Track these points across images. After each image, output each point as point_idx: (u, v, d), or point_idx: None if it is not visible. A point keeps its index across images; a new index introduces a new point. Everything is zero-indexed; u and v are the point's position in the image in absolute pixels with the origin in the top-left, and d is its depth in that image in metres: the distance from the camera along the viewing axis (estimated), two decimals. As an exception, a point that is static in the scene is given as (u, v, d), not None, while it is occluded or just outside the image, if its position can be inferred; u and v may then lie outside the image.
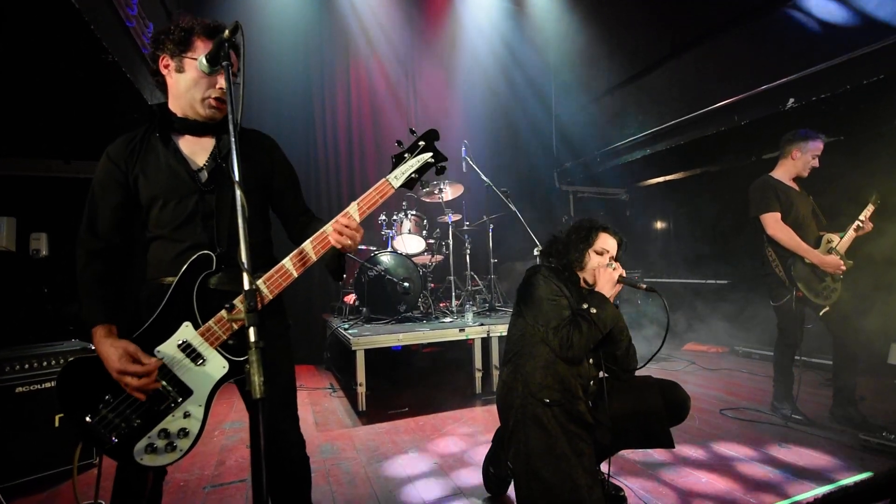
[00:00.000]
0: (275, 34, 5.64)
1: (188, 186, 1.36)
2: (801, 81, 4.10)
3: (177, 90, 1.38)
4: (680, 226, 6.92)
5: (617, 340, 1.95)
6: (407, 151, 1.42)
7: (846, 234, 3.11)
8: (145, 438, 1.21)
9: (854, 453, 2.60)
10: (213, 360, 1.27)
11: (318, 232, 1.32)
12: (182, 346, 1.25)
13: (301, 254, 1.31)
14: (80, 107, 3.27)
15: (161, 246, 1.38)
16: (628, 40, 6.21)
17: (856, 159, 4.33)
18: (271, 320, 1.42)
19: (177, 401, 1.24)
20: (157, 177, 1.36)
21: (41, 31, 2.42)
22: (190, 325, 1.27)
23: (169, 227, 1.36)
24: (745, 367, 4.68)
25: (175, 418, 1.23)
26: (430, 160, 1.42)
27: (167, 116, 1.40)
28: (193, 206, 1.36)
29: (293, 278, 1.30)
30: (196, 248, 1.33)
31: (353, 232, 1.30)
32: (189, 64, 1.34)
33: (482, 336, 4.01)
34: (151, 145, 1.39)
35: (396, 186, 1.38)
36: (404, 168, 1.39)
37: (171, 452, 1.22)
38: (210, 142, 1.43)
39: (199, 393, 1.26)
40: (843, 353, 3.06)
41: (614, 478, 2.04)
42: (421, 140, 1.43)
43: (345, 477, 2.53)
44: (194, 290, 1.28)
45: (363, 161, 6.35)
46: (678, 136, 5.45)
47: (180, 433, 1.23)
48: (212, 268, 1.30)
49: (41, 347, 2.65)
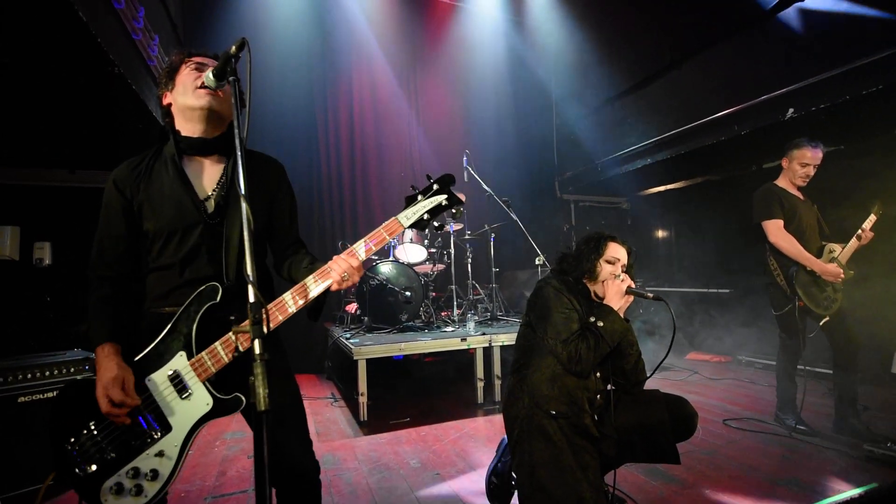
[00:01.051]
0: (277, 45, 5.70)
1: (193, 217, 1.35)
2: (800, 91, 4.12)
3: (176, 105, 1.40)
4: (681, 235, 6.92)
5: (626, 354, 1.94)
6: (420, 193, 1.42)
7: (848, 244, 3.11)
8: (115, 476, 1.19)
9: (859, 464, 2.59)
10: (197, 394, 1.25)
11: (320, 269, 1.31)
12: (171, 377, 1.25)
13: (301, 288, 1.30)
14: (85, 117, 3.30)
15: (162, 277, 1.38)
16: (629, 50, 6.26)
17: (856, 169, 4.34)
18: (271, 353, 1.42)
19: (153, 436, 1.22)
20: (162, 206, 1.35)
21: (48, 42, 2.45)
22: (184, 354, 1.26)
23: (172, 258, 1.35)
24: (748, 377, 4.66)
25: (148, 456, 1.20)
26: (444, 202, 1.42)
27: (175, 136, 1.41)
28: (198, 238, 1.35)
29: (290, 313, 1.29)
30: (199, 281, 1.32)
31: (356, 273, 1.30)
32: (180, 76, 1.39)
33: (484, 345, 4.00)
34: (157, 170, 1.39)
35: (406, 226, 1.38)
36: (416, 209, 1.39)
37: (136, 497, 1.18)
38: (217, 168, 1.43)
39: (177, 430, 1.23)
40: (843, 364, 3.05)
41: (619, 490, 2.02)
42: (435, 183, 1.43)
43: (346, 488, 2.52)
44: (196, 321, 1.27)
45: (365, 172, 6.39)
46: (679, 146, 5.47)
47: (150, 474, 1.19)
48: (216, 300, 1.29)
49: (44, 357, 2.65)
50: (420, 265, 5.09)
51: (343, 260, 1.30)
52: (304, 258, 1.48)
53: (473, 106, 7.12)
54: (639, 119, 6.06)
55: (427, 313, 4.86)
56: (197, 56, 1.42)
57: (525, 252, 6.17)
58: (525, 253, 6.25)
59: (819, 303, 3.05)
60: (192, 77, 1.36)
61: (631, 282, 1.94)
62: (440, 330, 4.41)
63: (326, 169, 6.14)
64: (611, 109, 6.68)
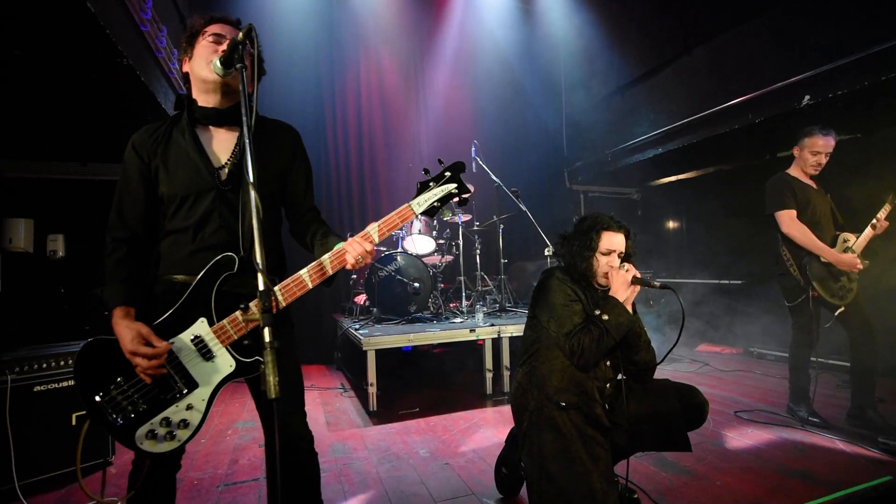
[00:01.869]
0: (285, 36, 5.68)
1: (207, 183, 1.39)
2: (816, 78, 4.02)
3: (193, 76, 1.43)
4: (692, 225, 6.84)
5: (634, 345, 1.91)
6: (432, 180, 1.46)
7: (863, 234, 3.05)
8: (147, 424, 1.25)
9: (872, 457, 2.55)
10: (221, 357, 1.31)
11: (335, 248, 1.36)
12: (195, 340, 1.30)
13: (319, 266, 1.35)
14: (96, 110, 3.32)
15: (175, 242, 1.41)
16: (639, 37, 6.15)
17: (873, 157, 4.25)
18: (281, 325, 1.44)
19: (182, 392, 1.28)
20: (177, 171, 1.39)
21: (57, 34, 2.46)
22: (205, 321, 1.31)
23: (185, 223, 1.39)
24: (760, 369, 4.62)
25: (178, 408, 1.27)
26: (454, 191, 1.46)
27: (191, 105, 1.44)
28: (210, 203, 1.38)
29: (308, 289, 1.34)
30: (212, 247, 1.36)
31: (369, 254, 1.35)
32: (198, 47, 1.41)
33: (493, 336, 4.00)
34: (174, 137, 1.43)
35: (419, 213, 1.43)
36: (428, 196, 1.44)
37: (170, 441, 1.25)
38: (232, 137, 1.46)
39: (204, 386, 1.30)
40: (860, 355, 3.00)
41: (630, 482, 2.02)
42: (447, 171, 1.47)
43: (356, 477, 2.54)
44: (213, 290, 1.32)
45: (373, 161, 6.38)
46: (691, 135, 5.38)
47: (181, 423, 1.27)
48: (233, 269, 1.34)
49: (58, 347, 2.69)
50: (429, 256, 5.09)
51: (358, 243, 1.33)
52: (318, 228, 1.53)
53: (481, 95, 7.07)
54: (649, 108, 5.97)
55: (436, 304, 4.87)
56: (216, 23, 1.43)
57: (534, 243, 6.15)
58: (534, 244, 6.23)
59: (834, 293, 3.00)
60: (208, 50, 1.39)
61: (636, 271, 1.89)
62: (449, 321, 4.41)
63: (335, 159, 6.14)
64: (621, 98, 6.59)
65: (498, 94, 7.15)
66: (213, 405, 1.31)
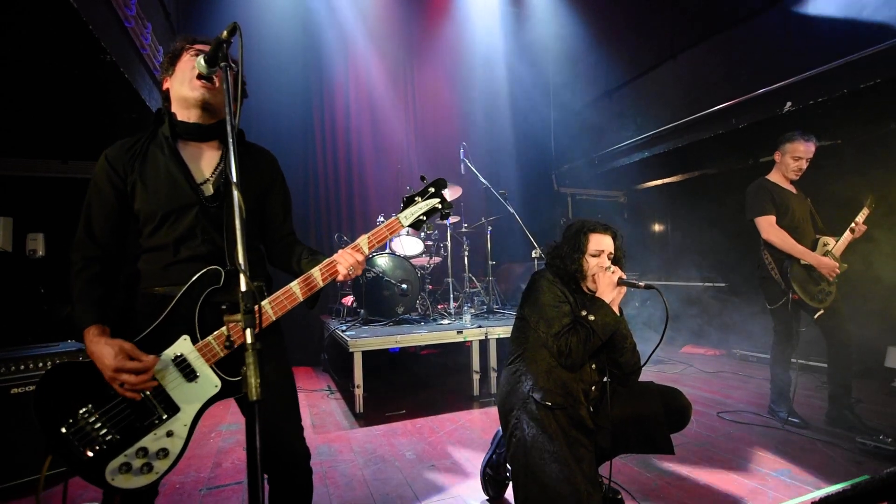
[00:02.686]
0: (273, 36, 5.63)
1: (189, 198, 1.34)
2: (798, 85, 4.11)
3: (174, 92, 1.39)
4: (678, 228, 6.93)
5: (619, 347, 1.93)
6: (418, 195, 1.53)
7: (842, 238, 3.12)
8: (121, 457, 1.15)
9: (850, 456, 2.61)
10: (205, 377, 1.24)
11: (325, 261, 1.36)
12: (177, 360, 1.23)
13: (308, 279, 1.34)
14: (78, 107, 3.26)
15: (156, 257, 1.35)
16: (626, 42, 6.23)
17: (852, 163, 4.35)
18: (271, 337, 1.41)
19: (161, 417, 1.20)
20: (157, 187, 1.33)
21: (39, 30, 2.41)
22: (188, 338, 1.25)
23: (166, 239, 1.34)
24: (742, 370, 4.69)
25: (157, 436, 1.18)
26: (438, 206, 1.53)
27: (170, 119, 1.40)
28: (193, 219, 1.33)
29: (298, 301, 1.33)
30: (195, 259, 1.32)
31: (360, 265, 1.37)
32: (180, 63, 1.38)
33: (480, 338, 4.00)
34: (152, 151, 1.37)
35: (406, 225, 1.50)
36: (414, 209, 1.51)
37: (146, 474, 1.15)
38: (214, 154, 1.43)
39: (186, 411, 1.22)
40: (837, 356, 3.07)
41: (613, 482, 2.03)
42: (431, 186, 1.55)
43: (342, 479, 2.53)
44: (198, 304, 1.26)
45: (361, 163, 6.36)
46: (676, 139, 5.46)
47: (160, 453, 1.17)
48: (219, 283, 1.29)
49: (38, 348, 2.64)
50: (417, 258, 5.08)
51: (349, 254, 1.36)
52: (303, 249, 1.52)
53: (470, 98, 7.08)
54: (636, 112, 6.05)
55: (423, 306, 4.86)
56: (199, 44, 1.41)
57: (522, 245, 6.17)
58: (522, 246, 6.25)
59: (814, 296, 3.06)
60: (190, 65, 1.35)
61: (622, 273, 1.92)
62: (436, 322, 4.41)
63: (322, 163, 6.11)
64: (608, 102, 6.66)
65: (487, 96, 7.18)
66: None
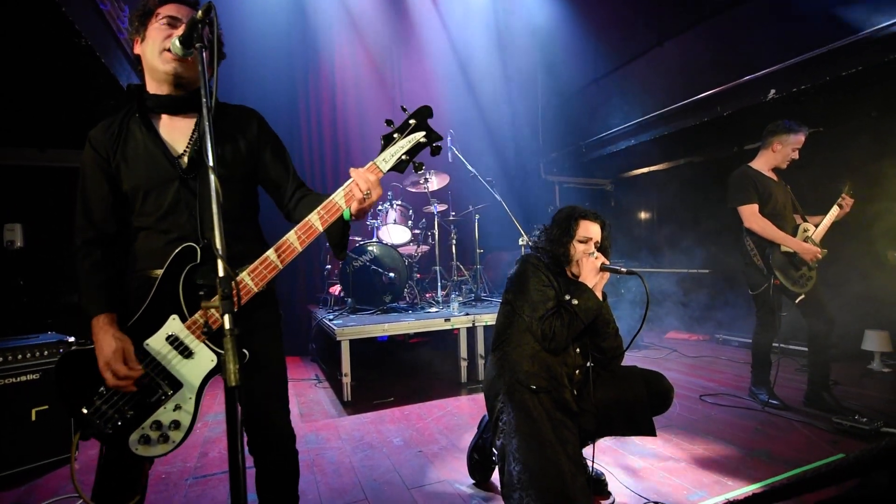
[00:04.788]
0: (257, 19, 5.52)
1: (168, 173, 1.32)
2: (782, 73, 4.14)
3: (146, 62, 1.35)
4: (663, 216, 7.00)
5: (602, 332, 1.96)
6: (397, 131, 1.32)
7: (827, 216, 3.17)
8: (139, 430, 1.21)
9: (827, 436, 2.68)
10: (201, 353, 1.26)
11: (325, 201, 1.26)
12: (170, 340, 1.24)
13: (306, 226, 1.25)
14: (54, 93, 3.17)
15: (147, 237, 1.35)
16: (613, 29, 6.23)
17: (834, 150, 4.42)
18: (262, 311, 1.40)
19: (167, 393, 1.24)
20: (137, 164, 1.32)
21: (9, 12, 2.33)
22: (177, 318, 1.25)
23: (153, 216, 1.32)
24: (725, 355, 4.78)
25: (166, 410, 1.24)
26: (423, 140, 1.32)
27: (143, 95, 1.36)
28: (175, 193, 1.32)
29: (297, 252, 1.25)
30: (183, 239, 1.30)
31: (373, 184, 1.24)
32: (150, 29, 1.32)
33: (468, 326, 4.02)
34: (131, 130, 1.35)
35: (385, 170, 1.29)
36: (394, 150, 1.30)
37: (164, 444, 1.23)
38: (189, 124, 1.39)
39: (188, 386, 1.25)
40: (816, 340, 3.14)
41: (597, 463, 2.07)
42: (412, 118, 1.33)
43: (329, 466, 2.54)
44: (180, 283, 1.25)
45: (347, 148, 6.31)
46: (662, 127, 5.49)
47: (172, 425, 1.24)
48: (196, 260, 1.27)
49: (17, 340, 2.59)
50: (404, 246, 5.07)
51: (364, 171, 1.25)
52: (314, 195, 1.44)
53: (458, 86, 7.03)
54: (623, 100, 6.06)
55: (411, 294, 4.86)
56: (171, 3, 1.33)
57: (509, 233, 6.18)
58: (509, 234, 6.26)
59: (795, 281, 3.12)
60: (161, 34, 1.30)
61: (605, 259, 1.95)
62: (424, 311, 4.42)
63: (308, 150, 6.05)
64: (595, 90, 6.66)
65: (474, 83, 7.13)
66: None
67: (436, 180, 5.18)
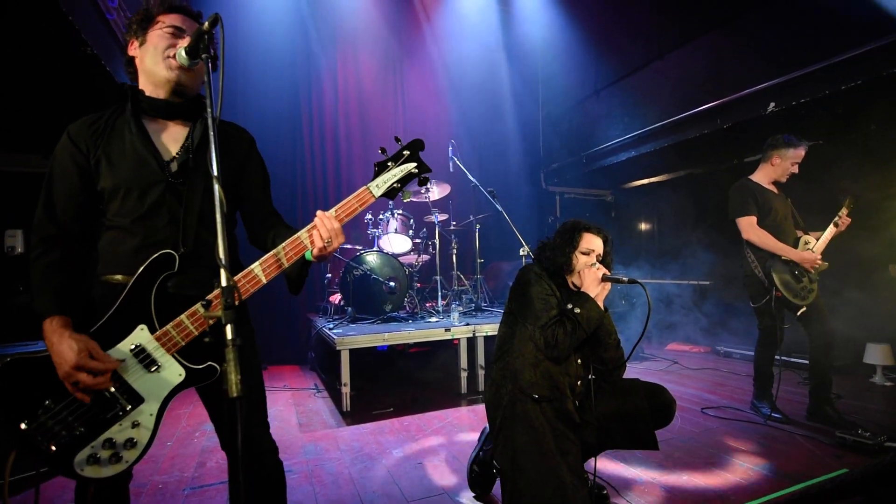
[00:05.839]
0: (261, 32, 5.58)
1: (155, 175, 1.29)
2: (781, 86, 4.17)
3: (143, 65, 1.34)
4: (664, 227, 7.01)
5: (604, 342, 1.96)
6: (391, 160, 1.38)
7: (825, 232, 3.17)
8: (87, 448, 1.12)
9: (831, 451, 2.65)
10: (169, 366, 1.19)
11: (291, 237, 1.26)
12: (135, 351, 1.18)
13: (274, 258, 1.24)
14: (59, 100, 3.20)
15: (116, 238, 1.30)
16: (614, 42, 6.28)
17: (834, 163, 4.43)
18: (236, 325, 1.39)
19: (125, 408, 1.16)
20: (122, 163, 1.28)
21: (18, 21, 2.36)
22: (146, 328, 1.19)
23: (129, 217, 1.28)
24: (727, 367, 4.76)
25: (122, 427, 1.15)
26: (414, 171, 1.38)
27: (136, 96, 1.35)
28: (158, 196, 1.28)
29: (262, 284, 1.23)
30: (155, 244, 1.25)
31: (335, 233, 1.24)
32: (151, 34, 1.31)
33: (468, 336, 4.01)
34: (117, 129, 1.33)
35: (377, 195, 1.34)
36: (387, 177, 1.36)
37: (116, 464, 1.13)
38: (181, 130, 1.38)
39: (151, 401, 1.18)
40: (818, 352, 3.12)
41: (598, 477, 2.05)
42: (405, 149, 1.38)
43: (328, 478, 2.51)
44: (153, 292, 1.20)
45: (350, 160, 6.33)
46: (663, 139, 5.52)
47: (127, 443, 1.14)
48: (173, 269, 1.22)
49: (17, 347, 2.59)
50: (404, 255, 5.07)
51: (328, 219, 1.25)
52: (286, 228, 1.43)
53: (460, 96, 7.08)
54: (624, 112, 6.10)
55: (411, 304, 4.85)
56: (176, 13, 1.34)
57: (510, 243, 6.18)
58: (510, 244, 6.26)
59: (796, 293, 3.11)
60: (164, 42, 1.30)
61: (606, 270, 1.97)
62: (424, 320, 4.40)
63: (311, 159, 6.06)
64: (596, 101, 6.70)
65: (476, 95, 7.19)
66: (181, 407, 1.24)
67: (437, 190, 5.20)
